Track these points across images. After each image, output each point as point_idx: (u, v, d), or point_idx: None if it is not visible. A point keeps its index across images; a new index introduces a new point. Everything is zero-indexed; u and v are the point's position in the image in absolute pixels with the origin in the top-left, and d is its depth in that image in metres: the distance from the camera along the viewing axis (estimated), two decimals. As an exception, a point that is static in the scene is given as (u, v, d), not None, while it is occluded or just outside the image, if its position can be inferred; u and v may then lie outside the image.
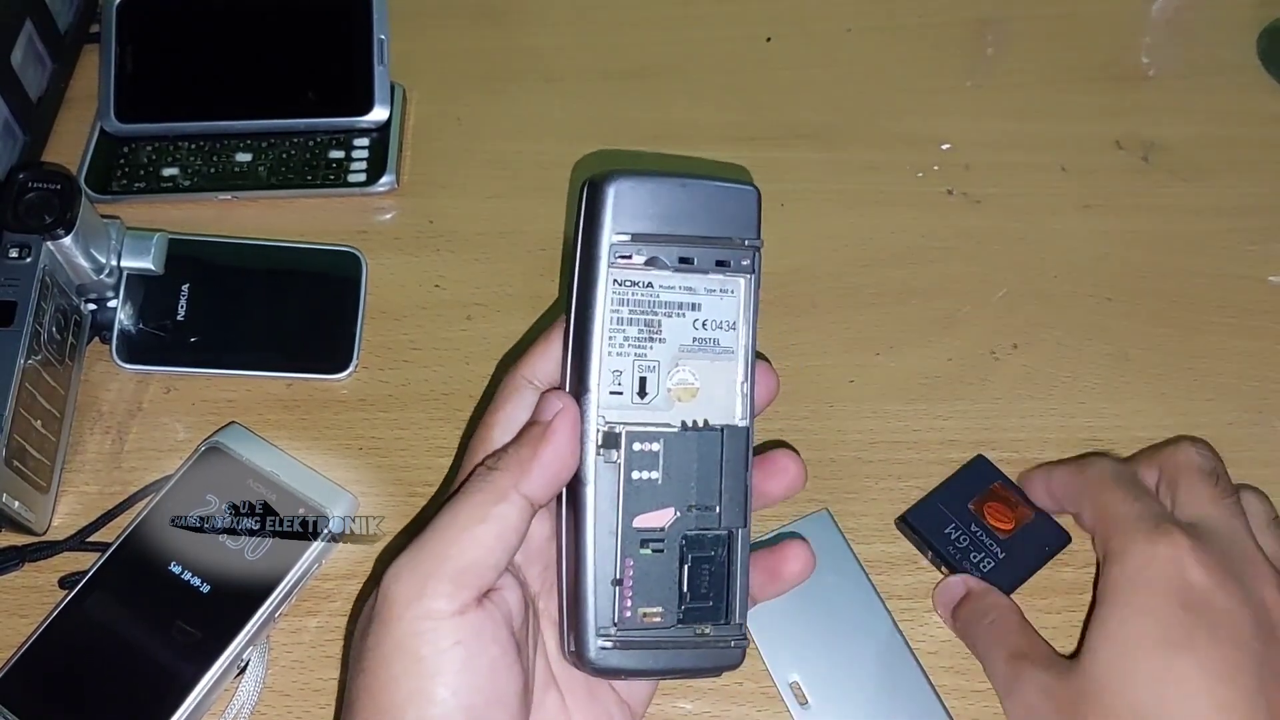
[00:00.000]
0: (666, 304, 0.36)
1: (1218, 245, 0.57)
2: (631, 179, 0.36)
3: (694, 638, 0.36)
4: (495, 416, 0.37)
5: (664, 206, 0.36)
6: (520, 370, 0.38)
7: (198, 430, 0.50)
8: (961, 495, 0.48)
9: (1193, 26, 0.66)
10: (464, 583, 0.33)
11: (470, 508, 0.34)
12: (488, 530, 0.33)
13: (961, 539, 0.46)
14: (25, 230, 0.47)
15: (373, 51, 0.59)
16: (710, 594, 0.36)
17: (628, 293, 0.36)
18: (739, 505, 0.36)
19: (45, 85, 0.60)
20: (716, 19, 0.66)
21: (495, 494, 0.34)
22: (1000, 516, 0.47)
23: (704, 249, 0.36)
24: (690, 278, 0.36)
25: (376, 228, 0.58)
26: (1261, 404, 0.52)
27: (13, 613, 0.46)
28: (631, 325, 0.36)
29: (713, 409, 0.37)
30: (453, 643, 0.32)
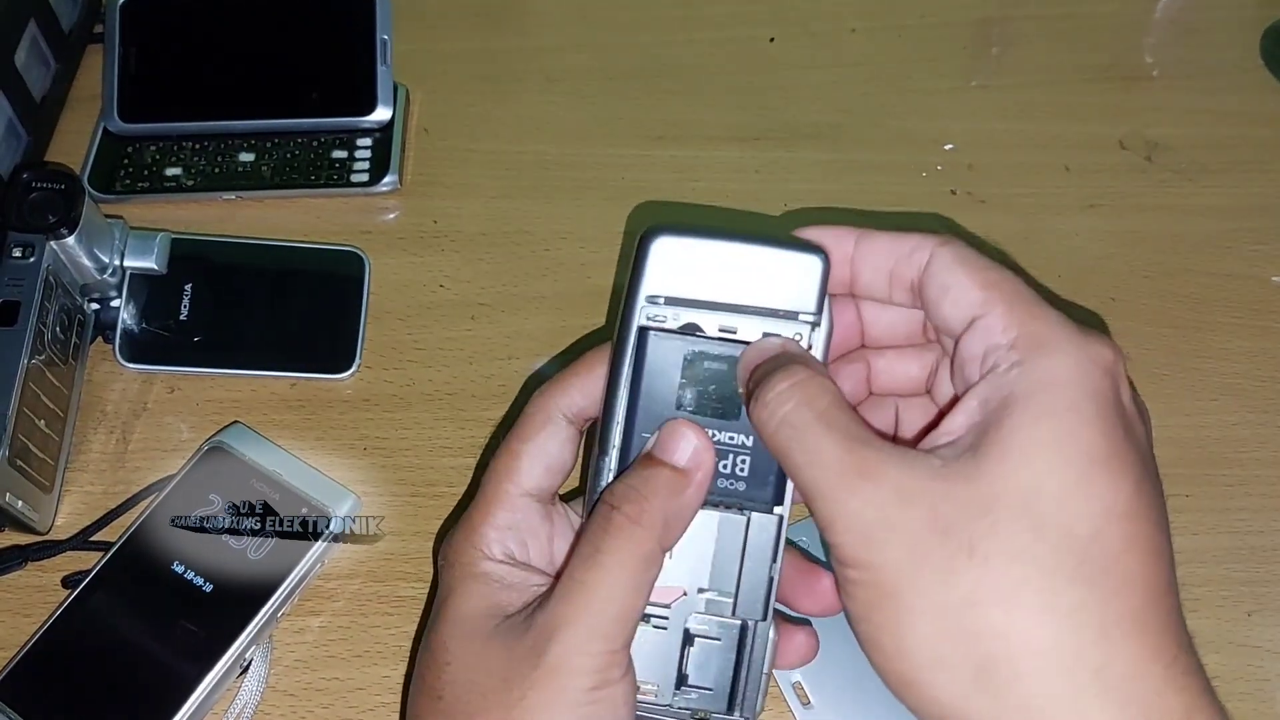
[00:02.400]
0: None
1: (1221, 245, 0.57)
2: (676, 235, 0.34)
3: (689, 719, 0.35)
4: (525, 446, 0.36)
5: (713, 269, 0.34)
6: (554, 399, 0.37)
7: (201, 430, 0.50)
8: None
9: (1196, 27, 0.66)
10: (626, 649, 0.33)
11: (628, 574, 0.32)
12: (643, 599, 0.33)
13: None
14: (29, 230, 0.47)
15: (376, 52, 0.59)
16: (712, 680, 0.35)
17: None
18: (760, 598, 0.34)
19: (49, 85, 0.60)
20: (719, 19, 0.66)
21: (646, 560, 0.33)
22: None
23: (750, 319, 0.34)
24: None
25: (380, 228, 0.58)
26: (1266, 404, 0.52)
27: (16, 612, 0.46)
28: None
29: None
30: (623, 703, 0.33)
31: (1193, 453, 0.51)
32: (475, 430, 0.51)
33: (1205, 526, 0.49)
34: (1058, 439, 0.29)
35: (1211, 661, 0.45)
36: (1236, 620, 0.47)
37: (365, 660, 0.45)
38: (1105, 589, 0.28)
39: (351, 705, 0.44)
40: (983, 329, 0.32)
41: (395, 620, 0.46)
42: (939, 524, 0.29)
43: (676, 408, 0.34)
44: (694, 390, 0.34)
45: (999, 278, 0.32)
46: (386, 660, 0.45)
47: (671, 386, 0.34)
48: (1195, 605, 0.47)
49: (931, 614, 0.29)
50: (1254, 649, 0.46)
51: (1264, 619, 0.47)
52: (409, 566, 0.48)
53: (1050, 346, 0.30)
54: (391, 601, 0.47)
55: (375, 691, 0.45)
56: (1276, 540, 0.49)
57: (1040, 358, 0.30)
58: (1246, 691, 0.45)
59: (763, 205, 0.58)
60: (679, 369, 0.34)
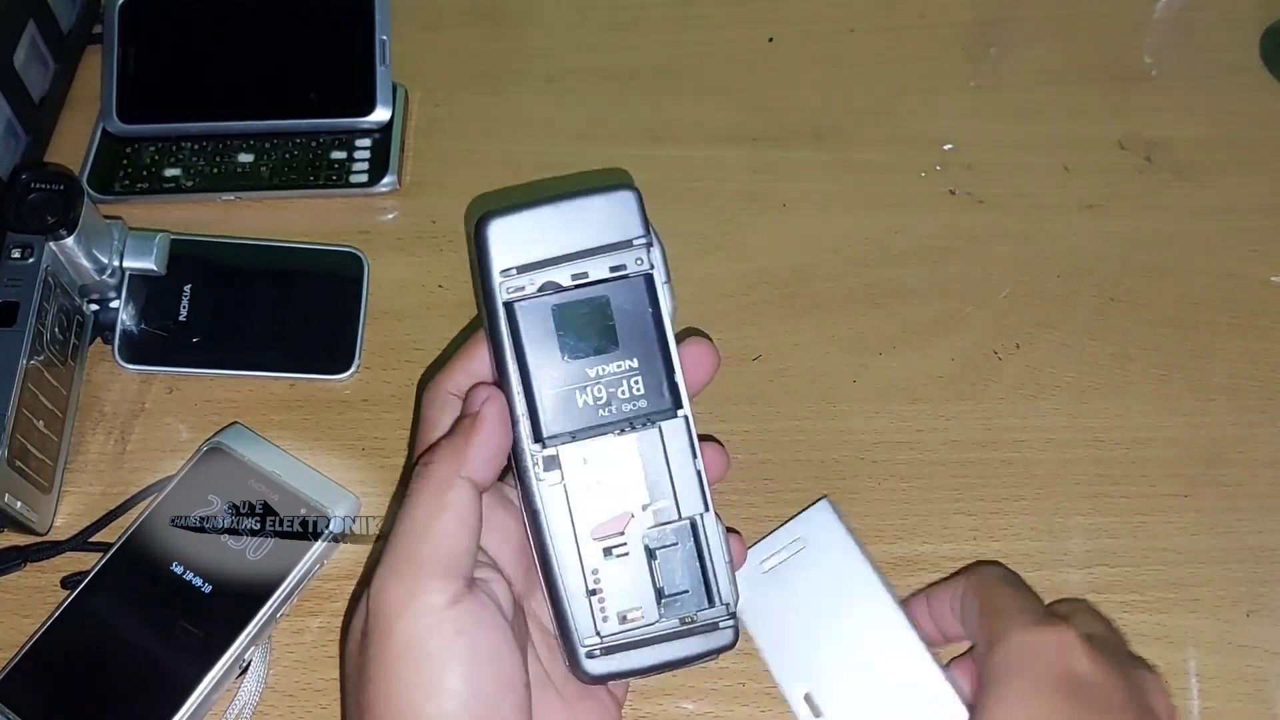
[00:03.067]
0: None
1: (1220, 245, 0.57)
2: (505, 215, 0.37)
3: (680, 627, 0.37)
4: (431, 432, 0.38)
5: (545, 232, 0.37)
6: (442, 384, 0.39)
7: (200, 430, 0.50)
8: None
9: (1195, 27, 0.66)
10: (449, 573, 0.34)
11: (425, 502, 0.35)
12: (450, 518, 0.34)
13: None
14: (28, 231, 0.47)
15: (375, 52, 0.59)
16: (687, 582, 0.37)
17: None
18: (695, 493, 0.37)
19: (48, 86, 0.60)
20: (718, 19, 0.66)
21: (442, 484, 0.35)
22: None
23: (594, 260, 0.37)
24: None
25: (379, 228, 0.58)
26: (1264, 404, 0.52)
27: (15, 613, 0.46)
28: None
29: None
30: (455, 632, 0.33)
31: (1192, 453, 0.51)
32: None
33: (1204, 526, 0.49)
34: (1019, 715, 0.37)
35: (1211, 662, 0.45)
36: (1236, 620, 0.47)
37: (364, 661, 0.45)
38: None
39: (350, 706, 0.44)
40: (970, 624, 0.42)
41: (394, 621, 0.46)
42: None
43: (564, 358, 0.37)
44: (572, 337, 0.37)
45: (980, 580, 0.43)
46: (385, 661, 0.45)
47: (552, 341, 0.37)
48: (1195, 605, 0.47)
49: None
50: (1253, 649, 0.46)
51: (1263, 619, 0.47)
52: (408, 567, 0.48)
53: (1003, 637, 0.39)
54: (390, 602, 0.47)
55: (374, 692, 0.45)
56: (1276, 540, 0.49)
57: (996, 650, 0.39)
58: (1246, 692, 0.45)
59: (762, 205, 0.58)
60: (552, 323, 0.37)
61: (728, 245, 0.57)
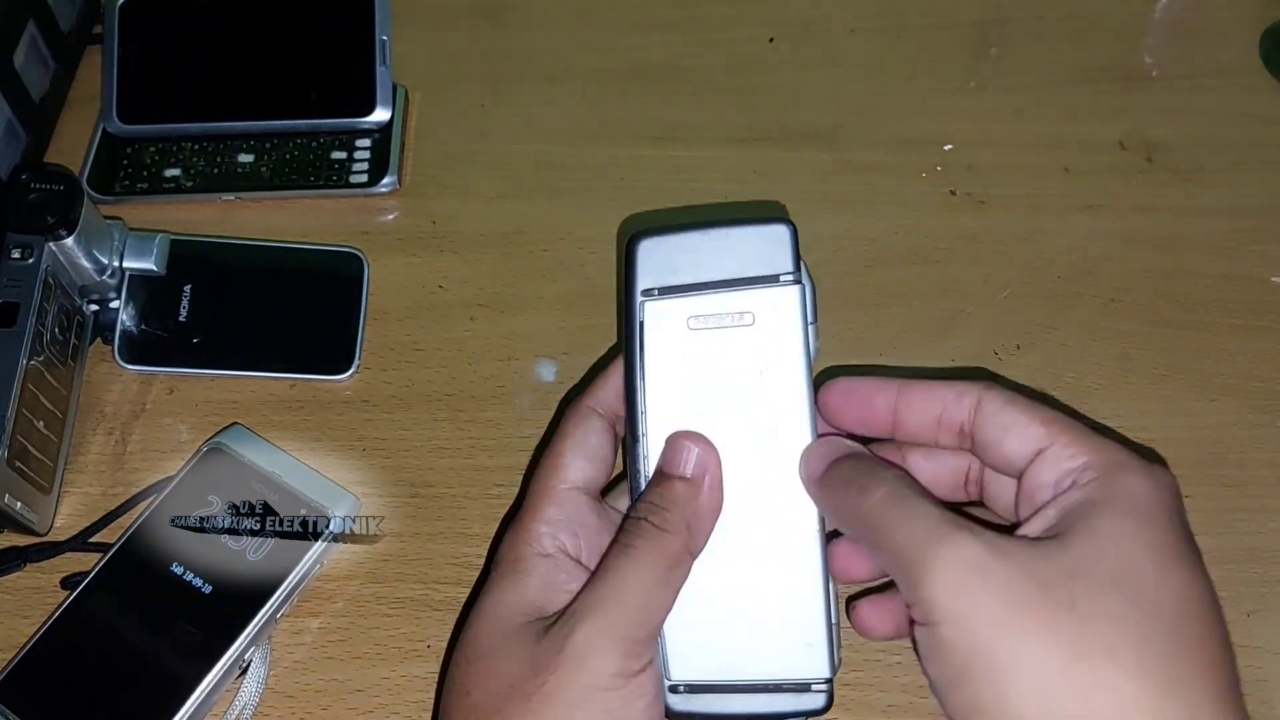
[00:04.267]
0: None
1: (1221, 246, 0.57)
2: (655, 236, 0.38)
3: (772, 680, 0.36)
4: (563, 443, 0.39)
5: (692, 257, 0.37)
6: (584, 400, 0.40)
7: (200, 431, 0.50)
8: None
9: (1195, 27, 0.66)
10: (650, 645, 0.35)
11: (654, 573, 0.35)
12: (671, 596, 0.35)
13: None
14: (28, 231, 0.47)
15: (375, 52, 0.59)
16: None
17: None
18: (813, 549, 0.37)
19: (48, 86, 0.60)
20: (718, 20, 0.66)
21: (673, 559, 0.35)
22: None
23: (737, 292, 0.37)
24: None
25: (379, 228, 0.58)
26: (1265, 404, 0.52)
27: (15, 614, 0.46)
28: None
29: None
30: (639, 696, 0.34)
31: (1192, 453, 0.51)
32: (474, 431, 0.51)
33: (1204, 527, 0.48)
34: (1140, 532, 0.31)
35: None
36: (1236, 620, 0.46)
37: (364, 661, 0.45)
38: (1193, 669, 0.30)
39: (350, 706, 0.44)
40: (1051, 458, 0.34)
41: (394, 621, 0.46)
42: (1035, 577, 0.30)
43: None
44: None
45: (1054, 415, 0.35)
46: (385, 661, 0.45)
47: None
48: None
49: (1034, 668, 0.29)
50: (1253, 649, 0.46)
51: (1263, 619, 0.47)
52: (408, 567, 0.48)
53: (1127, 467, 0.33)
54: (390, 602, 0.47)
55: (374, 693, 0.45)
56: (1276, 540, 0.48)
57: (1119, 474, 0.32)
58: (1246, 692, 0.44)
59: (761, 206, 0.58)
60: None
61: (728, 245, 0.57)
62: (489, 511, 0.49)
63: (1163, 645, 0.29)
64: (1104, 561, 0.30)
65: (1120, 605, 0.30)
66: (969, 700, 0.30)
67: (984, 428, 0.36)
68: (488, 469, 0.50)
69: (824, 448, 0.36)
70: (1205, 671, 0.30)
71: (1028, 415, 0.35)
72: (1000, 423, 0.35)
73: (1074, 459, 0.33)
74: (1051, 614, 0.29)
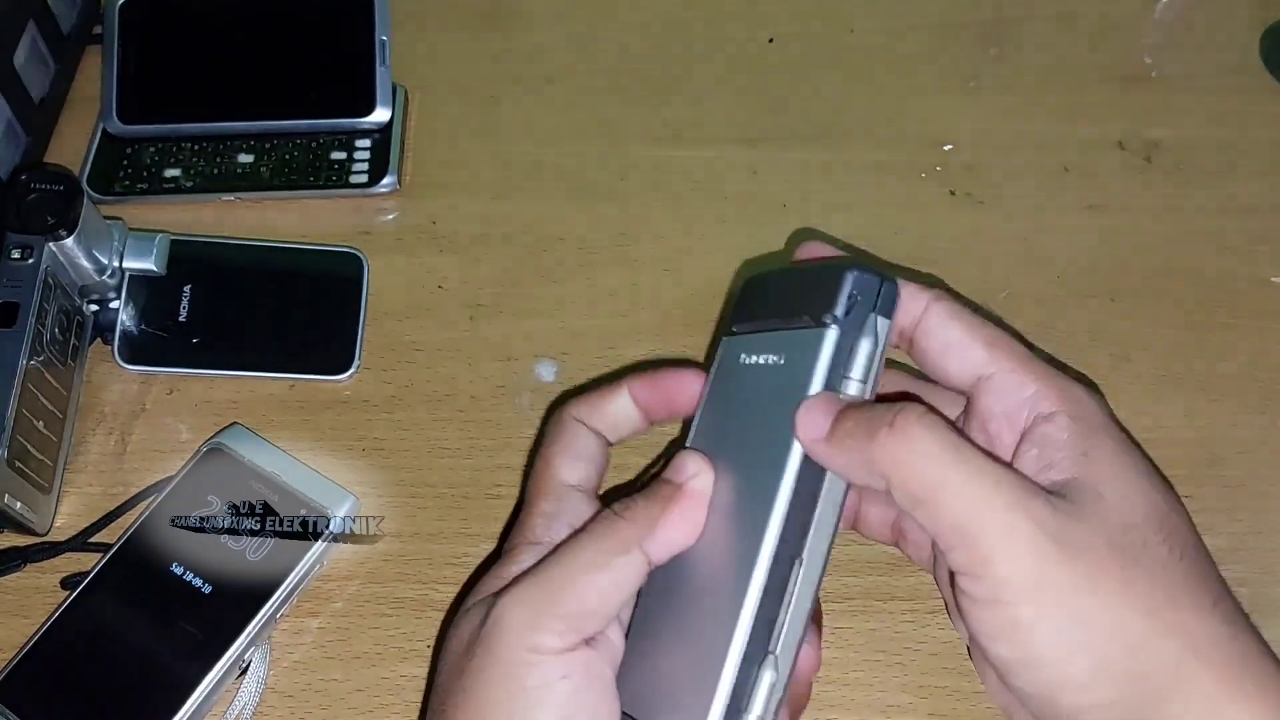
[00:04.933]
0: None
1: (1221, 245, 0.57)
2: (760, 279, 0.39)
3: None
4: (554, 448, 0.39)
5: (775, 299, 0.37)
6: (569, 410, 0.40)
7: (200, 431, 0.50)
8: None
9: (1196, 27, 0.66)
10: (576, 625, 0.33)
11: (593, 553, 0.34)
12: (606, 579, 0.34)
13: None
14: (27, 231, 0.47)
15: (375, 53, 0.59)
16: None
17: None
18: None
19: (48, 86, 0.60)
20: (718, 20, 0.66)
21: (619, 544, 0.34)
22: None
23: (784, 332, 0.36)
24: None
25: (378, 229, 0.58)
26: (1265, 405, 0.52)
27: (14, 614, 0.46)
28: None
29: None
30: (559, 677, 0.33)
31: (1192, 453, 0.51)
32: (474, 431, 0.51)
33: (1205, 527, 0.48)
34: (1138, 467, 0.33)
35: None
36: (1236, 621, 0.47)
37: (364, 661, 0.45)
38: (1219, 588, 0.32)
39: (350, 706, 0.44)
40: (1000, 387, 0.35)
41: (394, 621, 0.46)
42: (1105, 538, 0.31)
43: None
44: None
45: (995, 335, 0.35)
46: (385, 661, 0.45)
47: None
48: None
49: (1122, 629, 0.30)
50: (1253, 650, 0.46)
51: (1263, 620, 0.45)
52: (408, 567, 0.48)
53: (1074, 393, 0.34)
54: (390, 603, 0.47)
55: (374, 693, 0.45)
56: (1276, 541, 0.49)
57: (1074, 404, 0.34)
58: (1246, 692, 0.45)
59: (761, 206, 0.58)
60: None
61: (728, 246, 0.57)
62: (489, 511, 0.49)
63: (1199, 576, 0.32)
64: (1139, 509, 0.32)
65: (1164, 550, 0.32)
66: (1051, 680, 0.31)
67: (926, 337, 0.36)
68: (488, 469, 0.50)
69: (824, 402, 0.33)
70: (1222, 584, 0.32)
71: (971, 335, 0.35)
72: (943, 338, 0.35)
73: (1021, 388, 0.34)
74: (1123, 572, 0.31)
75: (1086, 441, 0.33)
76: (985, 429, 0.35)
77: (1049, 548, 0.30)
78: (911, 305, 0.35)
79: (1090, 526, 0.31)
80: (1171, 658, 0.30)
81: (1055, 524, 0.31)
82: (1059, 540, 0.30)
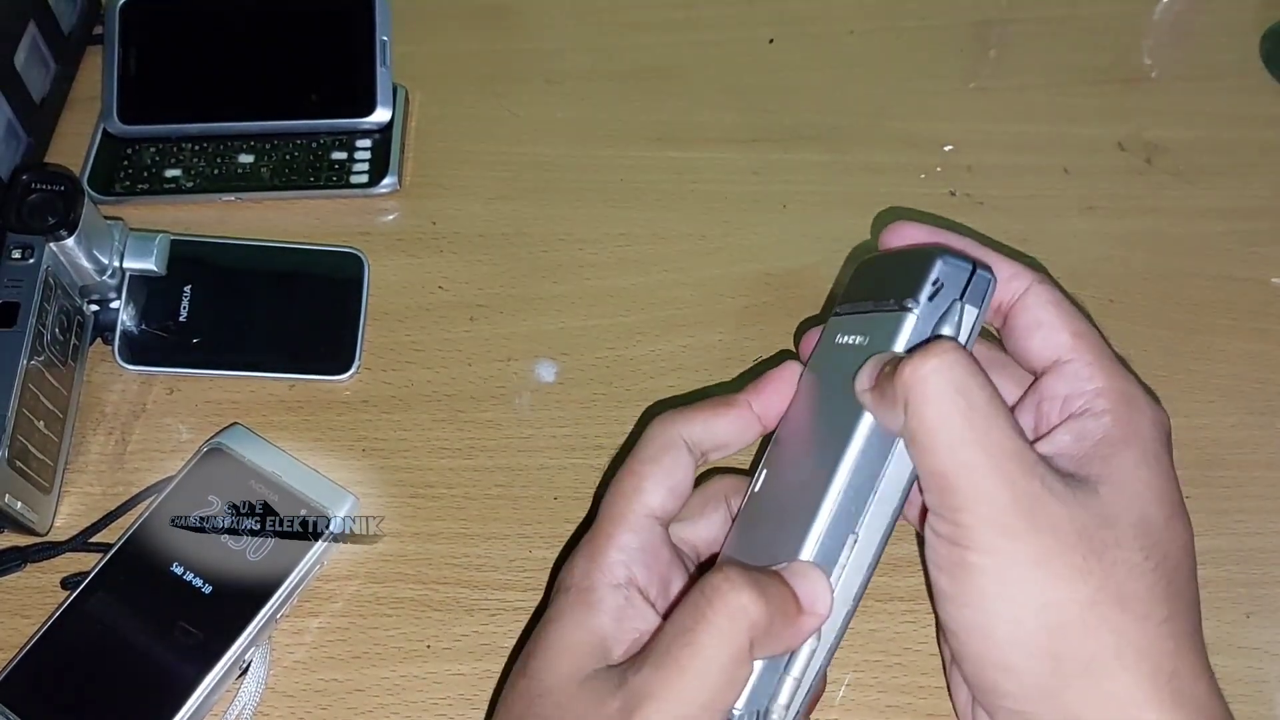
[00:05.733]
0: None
1: (1220, 247, 0.57)
2: (872, 261, 0.39)
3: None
4: (648, 467, 0.37)
5: (878, 280, 0.37)
6: (678, 426, 0.38)
7: (200, 431, 0.50)
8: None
9: (1196, 28, 0.66)
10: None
11: (724, 662, 0.32)
12: (734, 692, 0.33)
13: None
14: (28, 231, 0.47)
15: (375, 53, 0.59)
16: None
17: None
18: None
19: (48, 87, 0.60)
20: (718, 20, 0.66)
21: (742, 657, 0.32)
22: None
23: (873, 314, 0.36)
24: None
25: (379, 229, 0.58)
26: (1264, 406, 0.52)
27: (15, 613, 0.46)
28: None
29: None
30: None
31: (1191, 454, 0.51)
32: (474, 431, 0.51)
33: (1204, 528, 0.48)
34: (1153, 481, 0.34)
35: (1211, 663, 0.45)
36: (1236, 622, 0.47)
37: (364, 661, 0.45)
38: (1181, 608, 0.33)
39: (351, 706, 0.44)
40: (1070, 374, 0.36)
41: (394, 621, 0.46)
42: (1076, 524, 0.32)
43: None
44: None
45: (1086, 328, 0.37)
46: (385, 661, 0.45)
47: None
48: None
49: (1055, 609, 0.31)
50: (1253, 650, 0.46)
51: (1263, 621, 0.47)
52: (408, 568, 0.48)
53: (1137, 404, 0.35)
54: (390, 603, 0.47)
55: (374, 693, 0.45)
56: (1275, 542, 0.49)
57: (1131, 411, 0.35)
58: (1245, 694, 0.45)
59: (761, 207, 0.58)
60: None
61: (728, 246, 0.57)
62: (489, 512, 0.49)
63: (1164, 591, 0.32)
64: (1129, 513, 0.33)
65: (1138, 556, 0.32)
66: (976, 623, 0.32)
67: (1020, 314, 0.37)
68: (488, 469, 0.50)
69: (882, 356, 0.34)
70: (1189, 608, 0.33)
71: (1062, 321, 0.37)
72: (1036, 317, 0.37)
73: (1089, 380, 0.36)
74: (1083, 561, 0.32)
75: (1115, 445, 0.34)
76: (1039, 407, 0.37)
77: (1016, 520, 0.32)
78: (1015, 284, 0.37)
79: (1069, 511, 0.32)
80: (1091, 651, 0.31)
81: (1032, 498, 0.32)
82: (1031, 513, 0.32)
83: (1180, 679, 0.32)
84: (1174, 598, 0.33)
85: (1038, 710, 0.32)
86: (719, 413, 0.39)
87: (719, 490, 0.41)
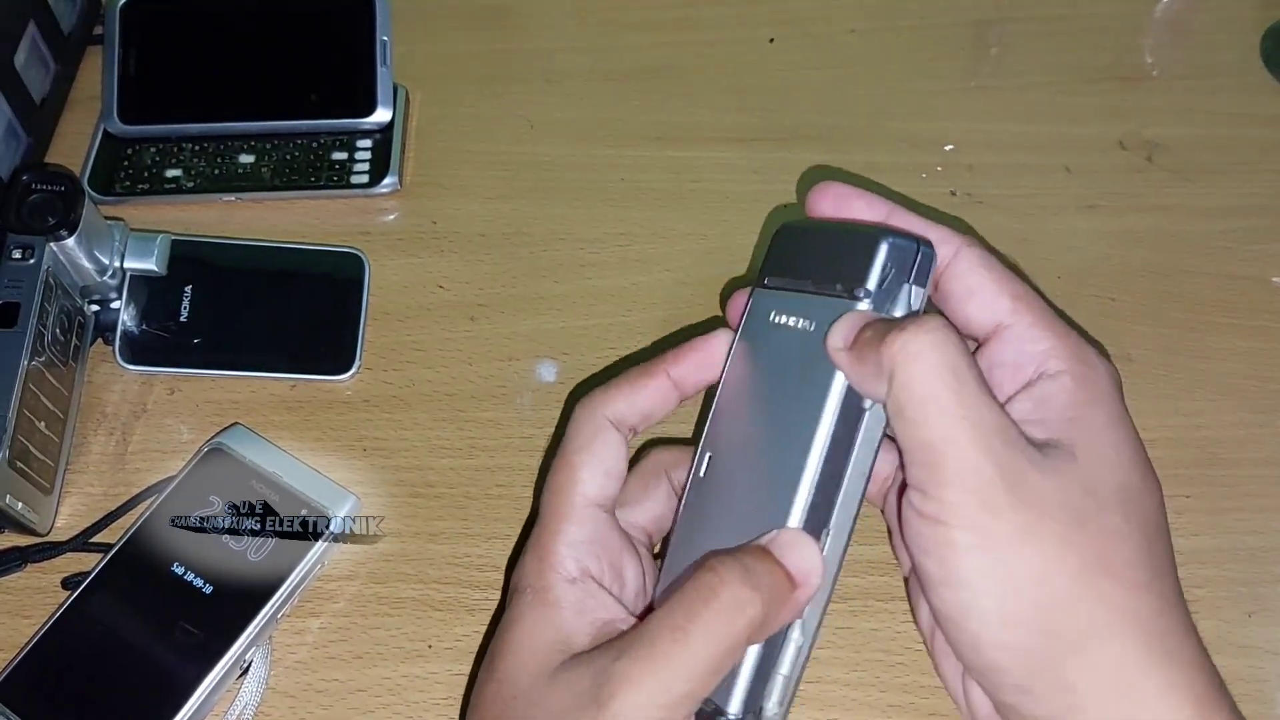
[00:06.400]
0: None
1: (1220, 245, 0.57)
2: (798, 229, 0.37)
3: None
4: (581, 455, 0.37)
5: (815, 257, 0.36)
6: (600, 407, 0.38)
7: (201, 431, 0.50)
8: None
9: (1196, 27, 0.66)
10: (693, 710, 0.32)
11: (718, 643, 0.32)
12: (715, 680, 0.32)
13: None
14: (29, 232, 0.47)
15: (375, 53, 0.59)
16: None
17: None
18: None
19: (49, 87, 0.60)
20: (718, 20, 0.66)
21: (736, 644, 0.32)
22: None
23: (819, 297, 0.35)
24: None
25: (379, 229, 0.58)
26: (1264, 404, 0.52)
27: (15, 614, 0.46)
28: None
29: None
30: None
31: (1191, 453, 0.51)
32: (474, 431, 0.51)
33: (1204, 527, 0.49)
34: (1123, 444, 0.34)
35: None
36: (1236, 621, 0.47)
37: (365, 661, 0.45)
38: (1164, 567, 0.33)
39: (351, 706, 0.44)
40: (1014, 338, 0.35)
41: (395, 621, 0.46)
42: (1058, 496, 0.32)
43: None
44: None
45: (1023, 289, 0.36)
46: (386, 661, 0.45)
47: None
48: (1195, 606, 0.46)
49: (1043, 582, 0.31)
50: (1254, 650, 0.46)
51: (1263, 620, 0.47)
52: (409, 567, 0.48)
53: (1088, 359, 0.35)
54: (391, 602, 0.47)
55: (375, 693, 0.45)
56: (1275, 541, 0.49)
57: (1084, 369, 0.35)
58: (1246, 693, 0.45)
59: (761, 206, 0.58)
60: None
61: (729, 246, 0.57)
62: (490, 511, 0.49)
63: (1146, 553, 0.33)
64: (1109, 479, 0.33)
65: (1120, 522, 0.32)
66: (964, 603, 0.32)
67: (953, 281, 0.36)
68: (488, 469, 0.50)
69: (856, 317, 0.34)
70: (1170, 567, 0.34)
71: (998, 285, 0.36)
72: (969, 283, 0.36)
73: (1037, 342, 0.35)
74: (1066, 531, 0.31)
75: (1081, 407, 0.34)
76: (990, 375, 0.35)
77: (1001, 494, 0.31)
78: (942, 249, 0.36)
79: (1052, 483, 0.32)
80: (1085, 621, 0.31)
81: (1016, 472, 0.31)
82: (1015, 487, 0.31)
83: (1170, 638, 0.32)
84: (1156, 558, 0.33)
85: (1038, 684, 0.32)
86: (639, 385, 0.38)
87: (657, 465, 0.40)
